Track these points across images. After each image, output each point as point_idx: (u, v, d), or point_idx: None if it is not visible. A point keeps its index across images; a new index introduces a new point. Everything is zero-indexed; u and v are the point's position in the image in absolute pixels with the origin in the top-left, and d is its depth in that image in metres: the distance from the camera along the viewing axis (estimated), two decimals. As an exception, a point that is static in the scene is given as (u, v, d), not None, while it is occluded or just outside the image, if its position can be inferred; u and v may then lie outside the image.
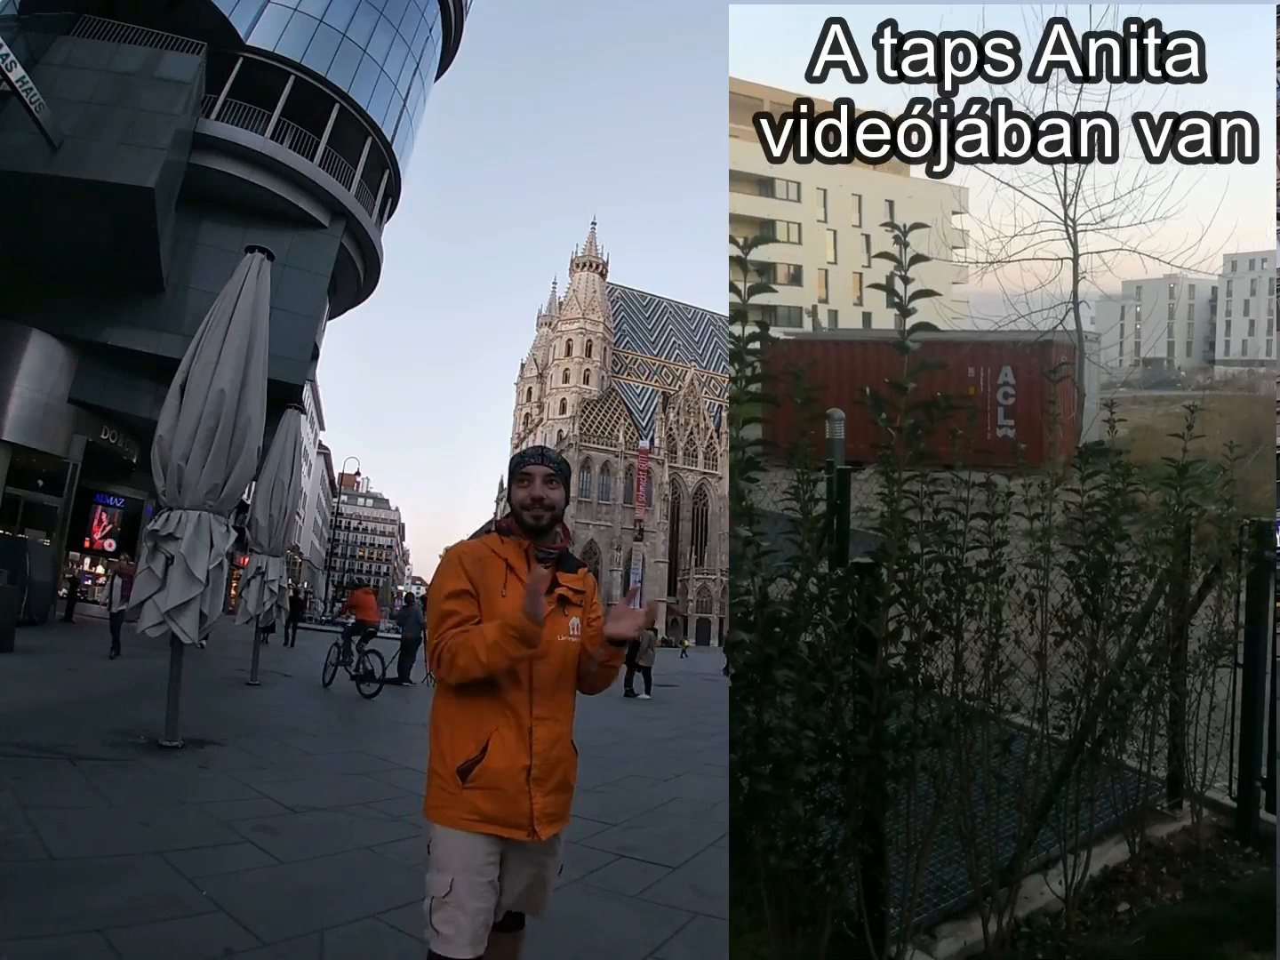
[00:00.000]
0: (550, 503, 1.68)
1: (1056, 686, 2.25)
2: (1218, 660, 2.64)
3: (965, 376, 5.07)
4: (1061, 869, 2.23)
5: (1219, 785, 2.76)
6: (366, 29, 17.24)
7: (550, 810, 1.61)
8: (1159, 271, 4.18)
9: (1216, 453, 2.66)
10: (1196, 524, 2.54)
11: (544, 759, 1.59)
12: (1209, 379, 10.79)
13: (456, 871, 1.53)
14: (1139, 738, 2.46)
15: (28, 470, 14.87)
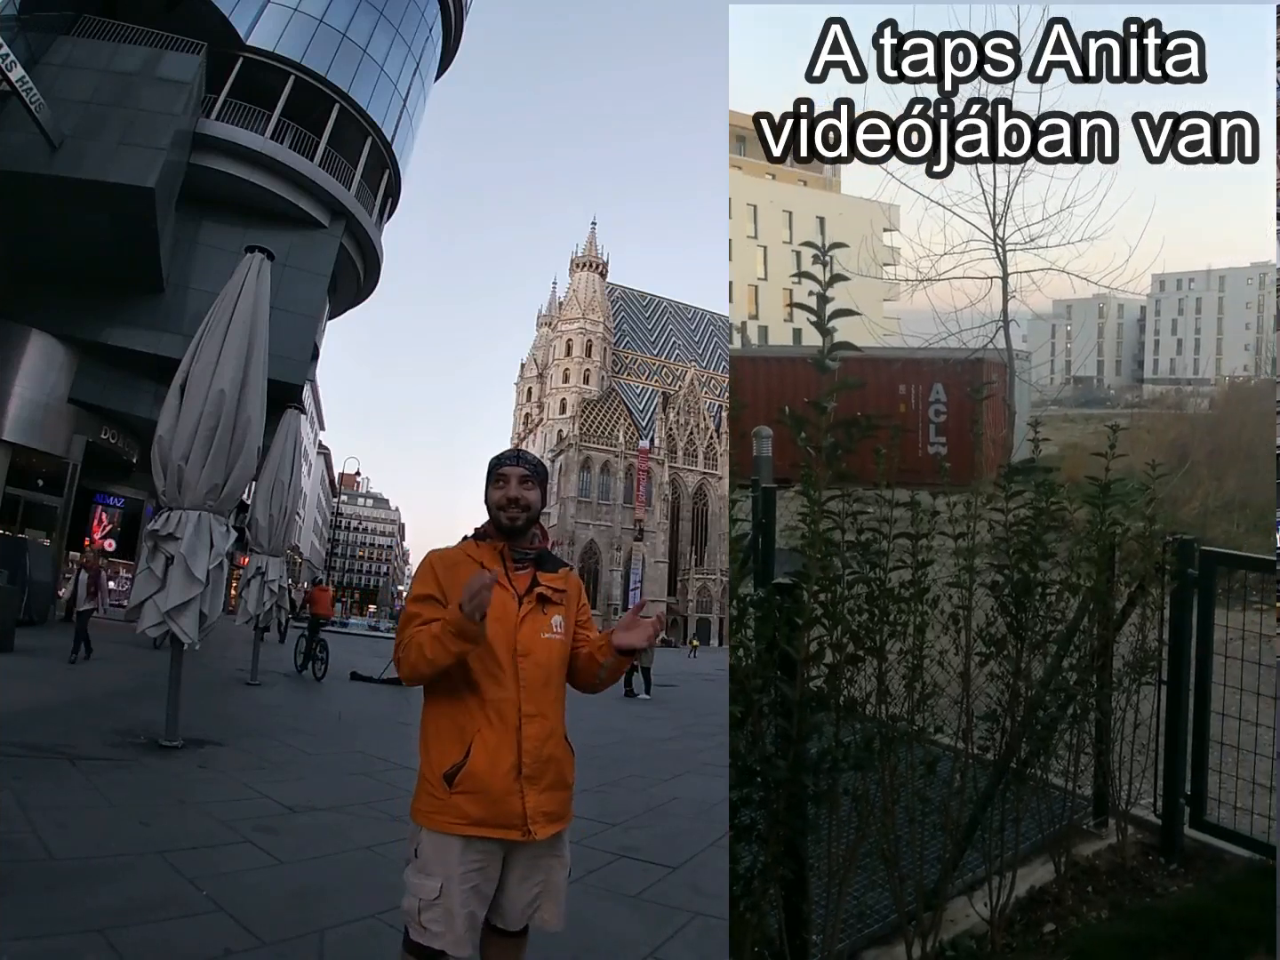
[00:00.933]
0: (526, 503, 1.68)
1: (981, 707, 2.24)
2: (1141, 677, 2.64)
3: (896, 394, 5.07)
4: (987, 890, 2.22)
5: (1144, 802, 2.76)
6: (366, 29, 17.23)
7: (546, 809, 1.60)
8: (1088, 291, 4.22)
9: (1142, 470, 2.67)
10: (1121, 542, 2.55)
11: (535, 756, 1.59)
12: (1138, 397, 10.96)
13: (446, 876, 1.53)
14: (1064, 756, 2.45)
15: (28, 470, 14.87)
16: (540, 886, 1.64)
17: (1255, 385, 10.54)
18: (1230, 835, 2.63)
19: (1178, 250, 4.40)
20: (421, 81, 19.78)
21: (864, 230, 4.08)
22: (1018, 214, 3.57)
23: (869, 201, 3.08)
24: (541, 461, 1.81)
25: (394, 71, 18.03)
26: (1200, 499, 6.31)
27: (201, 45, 13.58)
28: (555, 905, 1.66)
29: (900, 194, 2.77)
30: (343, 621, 43.85)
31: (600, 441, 72.91)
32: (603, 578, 69.16)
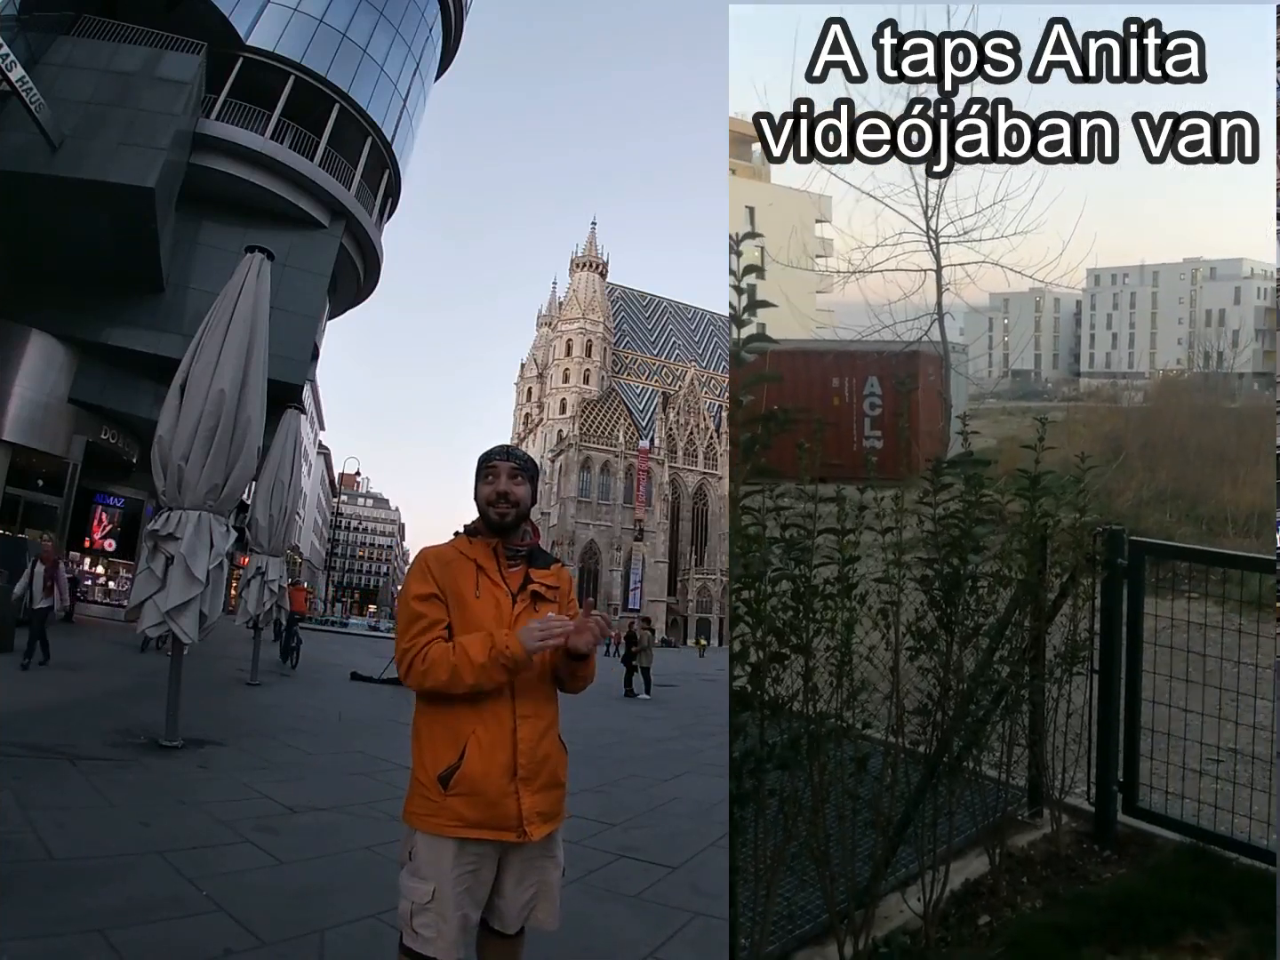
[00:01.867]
0: (515, 499, 1.68)
1: (912, 701, 2.23)
2: (1073, 667, 2.66)
3: (829, 387, 5.04)
4: (920, 886, 2.22)
5: (1078, 791, 2.78)
6: (366, 29, 17.23)
7: (541, 809, 1.59)
8: (1024, 285, 4.20)
9: (1073, 462, 2.68)
10: (1052, 533, 2.56)
11: (530, 756, 1.58)
12: (1075, 390, 11.08)
13: (439, 880, 1.52)
14: (997, 748, 2.46)
15: (28, 470, 14.86)
16: (535, 887, 1.63)
17: (1187, 379, 10.75)
18: (1162, 820, 2.66)
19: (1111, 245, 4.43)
20: (421, 81, 19.78)
21: (795, 221, 4.06)
22: (950, 207, 3.55)
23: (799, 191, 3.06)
24: (531, 458, 1.80)
25: (394, 71, 18.03)
26: (1134, 490, 6.42)
27: (201, 45, 13.58)
28: (550, 905, 1.66)
29: (831, 184, 2.76)
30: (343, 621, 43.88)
31: (600, 441, 72.92)
32: (603, 578, 69.17)
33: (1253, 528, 6.35)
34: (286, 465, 9.92)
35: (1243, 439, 7.58)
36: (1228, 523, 6.43)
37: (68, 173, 11.90)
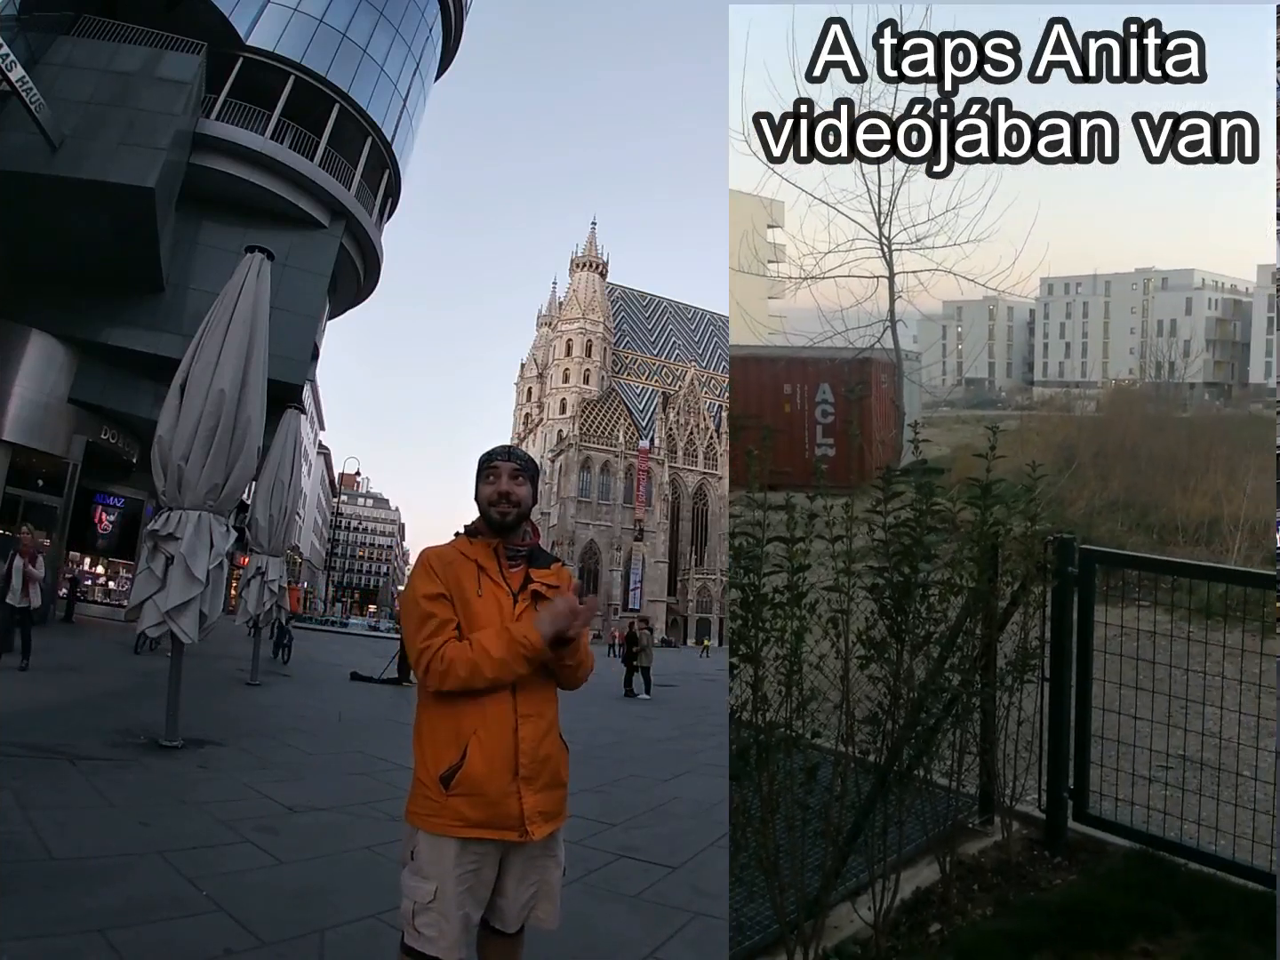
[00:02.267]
0: (517, 499, 1.68)
1: (863, 710, 2.23)
2: (1023, 675, 2.67)
3: (781, 394, 5.00)
4: (871, 895, 2.22)
5: (1029, 798, 2.79)
6: (366, 29, 17.22)
7: (543, 808, 1.60)
8: (977, 293, 4.20)
9: (1024, 471, 2.69)
10: (1003, 542, 2.56)
11: (532, 756, 1.59)
12: (1028, 399, 11.15)
13: (442, 879, 1.52)
14: (948, 757, 2.46)
15: (28, 470, 14.86)
16: (536, 886, 1.64)
17: (1139, 388, 10.86)
18: (1112, 827, 2.68)
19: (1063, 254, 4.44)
20: (421, 81, 19.77)
21: (746, 226, 4.04)
22: (903, 213, 3.54)
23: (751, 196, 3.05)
24: (532, 458, 1.80)
25: (394, 71, 18.02)
26: (1086, 499, 6.50)
27: (201, 45, 13.57)
28: (551, 904, 1.66)
29: (783, 189, 2.75)
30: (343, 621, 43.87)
31: (600, 441, 72.92)
32: (603, 578, 69.17)
33: (1203, 536, 6.42)
34: (286, 465, 9.92)
35: (1193, 448, 7.68)
36: (1178, 531, 6.51)
37: (68, 173, 11.89)
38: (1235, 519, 6.41)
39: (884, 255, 3.92)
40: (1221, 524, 6.44)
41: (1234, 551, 6.19)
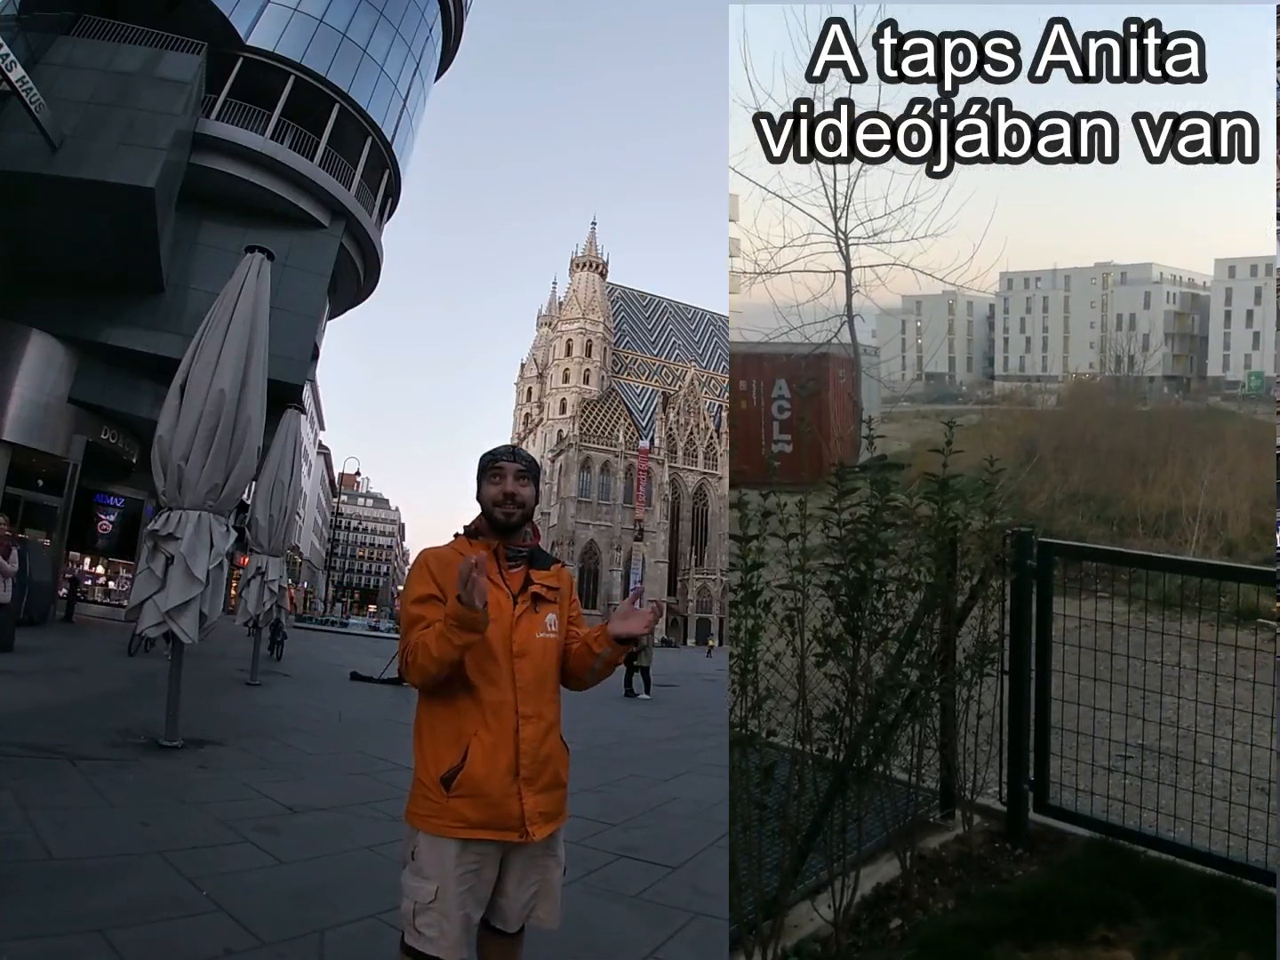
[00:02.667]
0: (521, 499, 1.68)
1: (820, 708, 2.23)
2: (982, 669, 2.67)
3: (737, 389, 4.96)
4: (830, 893, 2.22)
5: (990, 791, 2.81)
6: (366, 29, 17.22)
7: (543, 809, 1.60)
8: (936, 288, 4.18)
9: (981, 466, 2.70)
10: (961, 537, 2.56)
11: (533, 757, 1.59)
12: (989, 394, 11.18)
13: (443, 879, 1.52)
14: (906, 753, 2.46)
15: (28, 470, 14.85)
16: (537, 886, 1.64)
17: (1099, 382, 10.92)
18: (1072, 817, 2.70)
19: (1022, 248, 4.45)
20: (421, 81, 19.77)
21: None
22: (859, 208, 3.51)
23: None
24: (535, 459, 1.80)
25: (394, 71, 18.02)
26: (1047, 492, 6.56)
27: (201, 45, 13.57)
28: (551, 904, 1.66)
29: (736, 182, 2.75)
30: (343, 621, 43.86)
31: (600, 441, 72.92)
32: (603, 578, 69.17)
33: (1161, 528, 6.49)
34: (286, 465, 9.92)
35: (1152, 441, 7.78)
36: (1138, 523, 6.58)
37: (68, 173, 11.89)
38: (1193, 510, 6.50)
39: (840, 250, 3.89)
40: (1180, 516, 6.53)
41: (1192, 543, 6.28)
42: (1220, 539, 6.33)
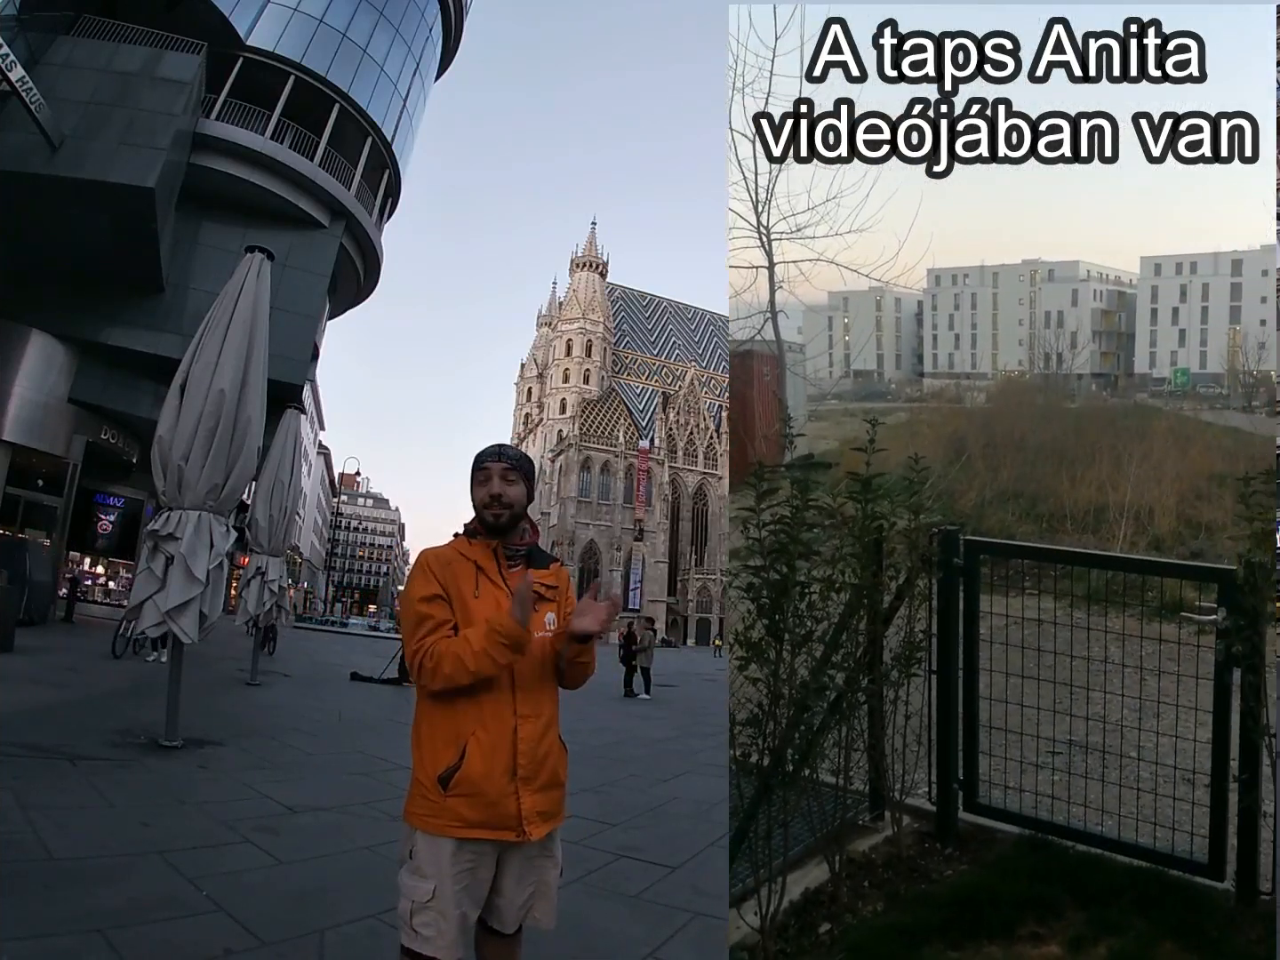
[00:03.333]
0: (509, 500, 1.66)
1: (744, 712, 2.21)
2: (909, 669, 2.66)
3: None
4: (757, 899, 2.21)
5: (920, 791, 2.80)
6: (366, 29, 17.22)
7: (541, 808, 1.60)
8: (862, 284, 4.14)
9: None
10: (887, 536, 2.55)
11: (531, 756, 1.58)
12: (918, 391, 11.15)
13: (440, 878, 1.52)
14: (833, 756, 2.45)
15: (28, 470, 14.85)
16: (534, 886, 1.64)
17: (1028, 380, 10.98)
18: (1002, 814, 2.71)
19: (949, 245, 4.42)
20: (421, 81, 19.78)
21: None
22: (782, 202, 3.47)
23: None
24: (526, 456, 1.78)
25: (394, 71, 18.02)
26: (977, 490, 6.60)
27: (201, 45, 13.57)
28: (548, 904, 1.66)
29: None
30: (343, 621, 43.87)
31: (600, 441, 72.91)
32: (603, 578, 69.14)
33: (1090, 524, 6.54)
34: (286, 465, 9.91)
35: (1081, 438, 7.85)
36: (1066, 519, 6.63)
37: (68, 173, 11.89)
38: (1120, 506, 6.57)
39: (763, 245, 3.85)
40: (1108, 512, 6.58)
41: (1120, 538, 6.32)
42: (1147, 534, 6.39)
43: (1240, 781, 2.28)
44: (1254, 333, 10.41)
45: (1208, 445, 7.67)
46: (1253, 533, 2.26)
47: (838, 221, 3.32)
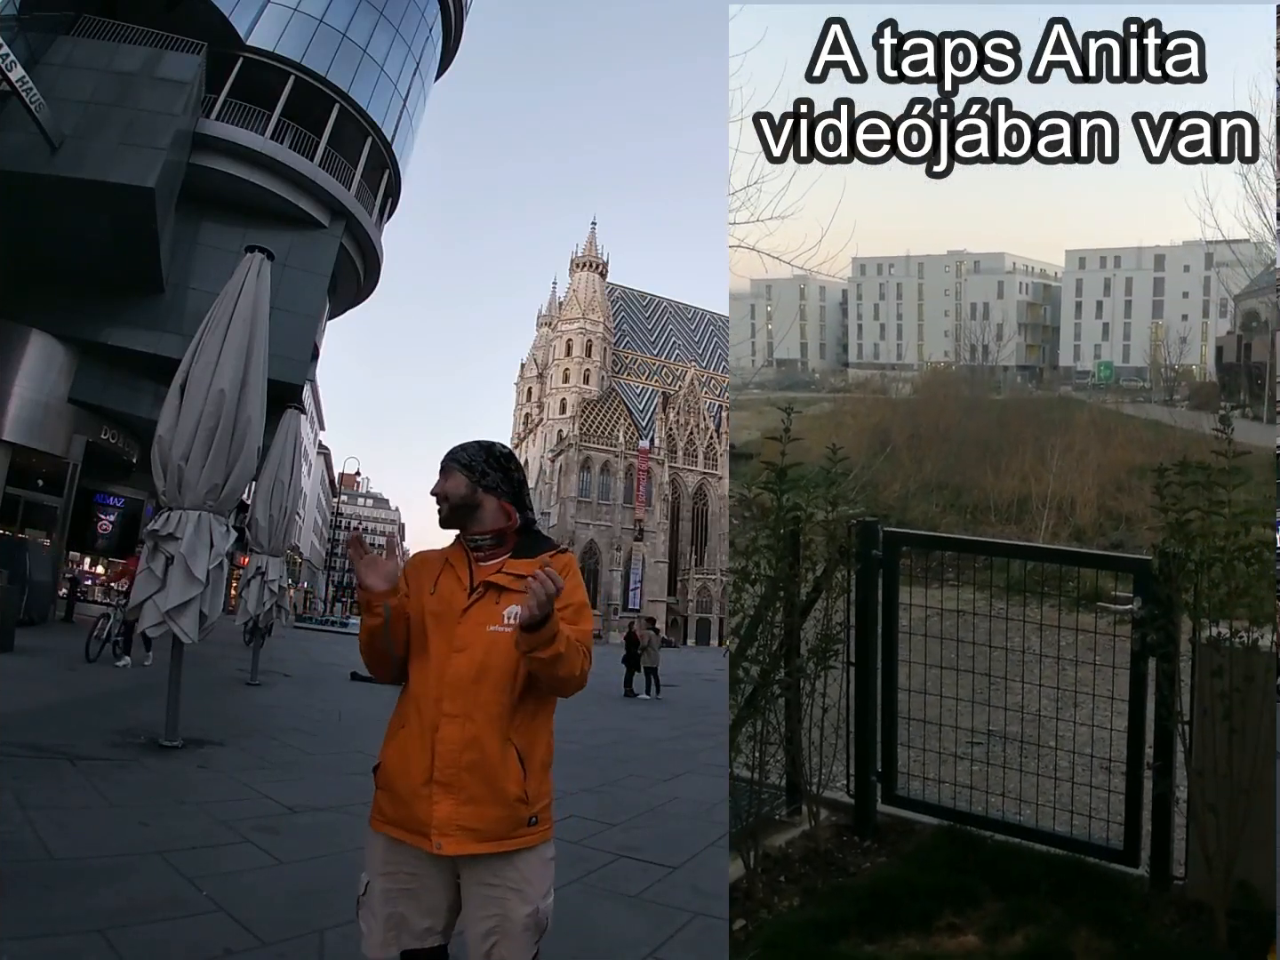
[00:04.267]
0: (443, 493, 1.62)
1: None
2: (826, 661, 2.65)
3: None
4: None
5: (838, 784, 2.79)
6: (366, 29, 17.23)
7: (464, 823, 1.41)
8: (785, 271, 4.13)
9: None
10: (804, 528, 2.54)
11: (450, 761, 1.43)
12: (843, 381, 11.08)
13: (372, 874, 1.49)
14: (748, 749, 2.44)
15: (28, 470, 14.85)
16: (495, 921, 1.43)
17: (954, 371, 10.96)
18: (920, 806, 2.71)
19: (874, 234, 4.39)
20: (421, 81, 19.78)
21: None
22: None
23: None
24: (472, 445, 1.68)
25: (394, 71, 18.03)
26: (901, 482, 6.63)
27: (201, 45, 13.57)
28: (513, 945, 1.42)
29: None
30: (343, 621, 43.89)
31: (600, 441, 72.92)
32: (603, 578, 69.16)
33: (1013, 515, 6.58)
34: (286, 465, 9.91)
35: (1005, 430, 7.93)
36: (990, 510, 6.66)
37: (68, 173, 11.89)
38: (1043, 498, 6.66)
39: None
40: (1030, 503, 6.64)
41: (1042, 529, 6.36)
42: (1069, 525, 6.45)
43: (1154, 768, 2.31)
44: (1176, 327, 10.49)
45: (1129, 438, 7.78)
46: (1167, 523, 2.28)
47: (759, 208, 3.30)
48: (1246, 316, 10.32)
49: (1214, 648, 2.20)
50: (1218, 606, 2.21)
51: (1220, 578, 2.21)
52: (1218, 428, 2.24)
